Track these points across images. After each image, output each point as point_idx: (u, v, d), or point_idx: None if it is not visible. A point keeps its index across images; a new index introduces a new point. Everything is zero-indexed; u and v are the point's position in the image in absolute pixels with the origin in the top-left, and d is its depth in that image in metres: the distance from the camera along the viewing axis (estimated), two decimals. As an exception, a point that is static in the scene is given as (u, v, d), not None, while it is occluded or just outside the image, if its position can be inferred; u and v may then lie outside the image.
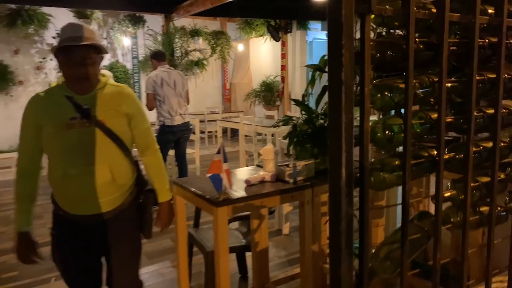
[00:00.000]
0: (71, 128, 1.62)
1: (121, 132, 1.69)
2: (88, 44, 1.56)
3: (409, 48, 0.90)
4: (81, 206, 1.67)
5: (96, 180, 1.64)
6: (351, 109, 0.81)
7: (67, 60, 1.57)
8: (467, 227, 1.08)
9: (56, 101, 1.65)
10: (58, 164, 1.64)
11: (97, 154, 1.65)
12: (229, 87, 10.82)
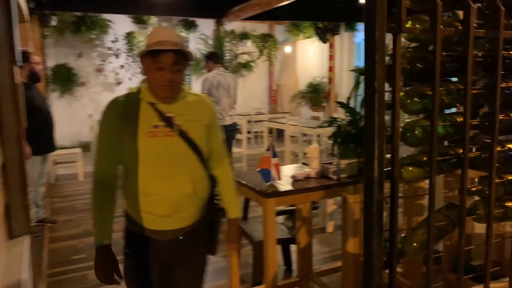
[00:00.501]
0: (153, 136, 1.54)
1: (201, 143, 1.60)
2: (179, 49, 1.47)
3: (436, 62, 1.06)
4: (162, 221, 1.57)
5: (179, 193, 1.56)
6: (382, 112, 0.98)
7: (155, 64, 1.47)
8: (491, 219, 1.22)
9: (137, 107, 1.56)
10: (138, 175, 1.54)
11: (180, 165, 1.57)
12: (275, 88, 11.04)
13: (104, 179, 1.58)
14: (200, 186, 1.61)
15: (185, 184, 1.55)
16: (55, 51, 8.07)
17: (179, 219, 1.58)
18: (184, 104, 1.58)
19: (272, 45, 9.28)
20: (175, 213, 1.56)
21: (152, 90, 1.53)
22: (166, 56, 1.45)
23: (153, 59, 1.45)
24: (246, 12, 6.85)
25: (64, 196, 5.23)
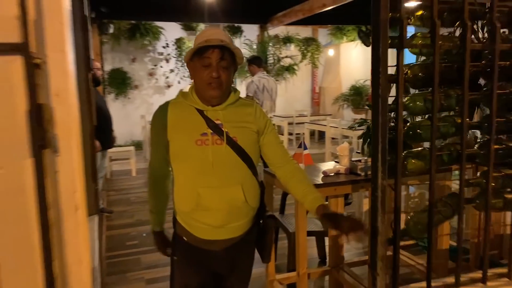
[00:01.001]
0: (202, 144, 1.51)
1: (251, 150, 1.57)
2: (225, 46, 1.44)
3: (435, 72, 1.27)
4: (213, 231, 1.54)
5: (231, 203, 1.52)
6: (385, 114, 1.22)
7: (201, 62, 1.45)
8: (488, 207, 1.40)
9: (185, 114, 1.54)
10: (188, 185, 1.53)
11: (230, 174, 1.53)
12: (318, 91, 11.19)
13: (157, 176, 1.65)
14: (251, 195, 1.56)
15: (237, 193, 1.52)
16: (111, 57, 8.73)
17: (231, 229, 1.55)
18: (232, 110, 1.55)
19: (315, 48, 9.46)
20: (227, 223, 1.52)
21: (200, 93, 1.51)
22: (212, 52, 1.43)
23: (200, 56, 1.44)
24: (289, 17, 7.11)
25: (119, 190, 5.72)
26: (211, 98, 1.48)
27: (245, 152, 1.53)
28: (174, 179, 1.58)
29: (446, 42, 1.32)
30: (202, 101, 1.51)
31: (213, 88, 1.45)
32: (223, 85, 1.46)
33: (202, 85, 1.46)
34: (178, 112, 1.54)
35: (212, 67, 1.43)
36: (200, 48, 1.40)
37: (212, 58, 1.42)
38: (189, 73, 1.53)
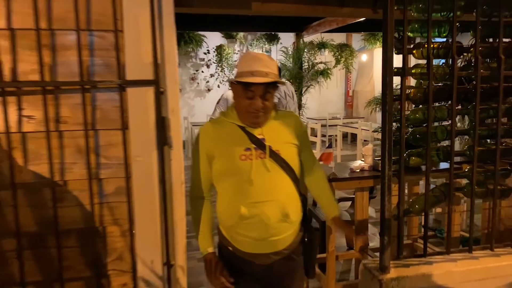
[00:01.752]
0: (245, 159, 1.51)
1: (294, 163, 1.58)
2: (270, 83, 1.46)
3: (430, 94, 1.76)
4: (254, 244, 1.54)
5: (273, 217, 1.51)
6: (391, 123, 1.71)
7: (245, 93, 1.46)
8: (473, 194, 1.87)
9: (228, 131, 1.55)
10: (232, 199, 1.54)
11: (273, 188, 1.53)
12: (351, 94, 11.56)
13: (199, 197, 1.63)
14: (293, 209, 1.58)
15: (279, 207, 1.52)
16: (158, 63, 9.49)
17: (272, 243, 1.54)
18: (274, 125, 1.57)
19: (348, 54, 9.85)
20: (269, 236, 1.52)
21: (240, 116, 1.54)
22: (257, 88, 1.44)
23: (245, 88, 1.45)
24: (323, 27, 7.58)
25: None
26: (252, 124, 1.53)
27: (288, 164, 1.55)
28: (218, 194, 1.60)
29: (439, 70, 1.80)
30: (243, 121, 1.54)
31: (254, 117, 1.50)
32: (265, 113, 1.51)
33: (243, 112, 1.51)
34: (220, 130, 1.56)
35: (256, 99, 1.46)
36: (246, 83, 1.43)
37: (255, 92, 1.45)
38: (232, 92, 1.56)
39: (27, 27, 1.42)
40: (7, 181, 1.45)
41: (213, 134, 1.57)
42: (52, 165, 1.47)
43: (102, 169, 1.54)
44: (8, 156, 1.44)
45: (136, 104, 1.51)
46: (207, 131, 1.58)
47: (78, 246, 1.54)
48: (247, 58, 1.52)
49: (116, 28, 1.47)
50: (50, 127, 1.46)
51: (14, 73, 1.43)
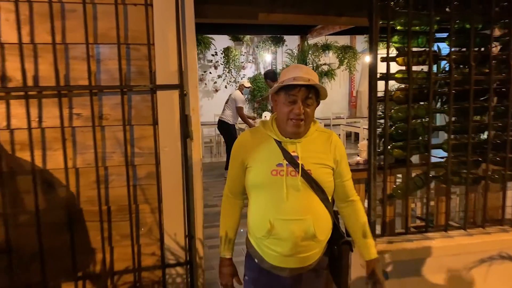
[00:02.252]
0: (276, 175, 1.52)
1: (325, 184, 1.55)
2: (312, 85, 1.47)
3: (409, 95, 2.08)
4: (282, 259, 1.55)
5: (301, 235, 1.51)
6: (375, 120, 2.03)
7: (287, 98, 1.48)
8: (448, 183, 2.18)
9: (264, 144, 1.57)
10: (261, 213, 1.55)
11: (302, 206, 1.53)
12: (355, 94, 11.84)
13: (232, 197, 1.66)
14: (321, 229, 1.55)
15: (307, 227, 1.51)
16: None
17: (300, 259, 1.55)
18: (310, 142, 1.56)
19: (352, 55, 10.14)
20: (296, 253, 1.53)
21: (280, 126, 1.54)
22: (299, 91, 1.46)
23: (286, 93, 1.48)
24: (327, 30, 7.88)
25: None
26: (292, 134, 1.52)
27: (319, 185, 1.53)
28: (249, 204, 1.61)
29: (419, 75, 2.12)
30: (282, 132, 1.54)
31: (294, 125, 1.50)
32: (306, 122, 1.51)
33: (284, 120, 1.51)
34: (257, 140, 1.57)
35: (297, 104, 1.47)
36: (288, 85, 1.46)
37: (298, 96, 1.47)
38: (272, 104, 1.68)
39: (78, 42, 1.76)
40: (61, 166, 1.80)
41: (250, 143, 1.58)
42: (96, 154, 1.82)
43: (136, 157, 1.88)
44: (62, 145, 1.78)
45: (164, 104, 1.85)
46: (245, 139, 1.60)
47: (116, 221, 1.88)
48: (289, 68, 1.55)
49: (149, 42, 1.81)
50: (94, 123, 1.81)
51: (67, 79, 1.78)
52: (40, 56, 1.74)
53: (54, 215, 1.82)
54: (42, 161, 1.80)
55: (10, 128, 1.76)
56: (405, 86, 2.15)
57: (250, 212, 1.60)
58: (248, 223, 1.61)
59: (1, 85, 1.72)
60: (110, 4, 1.77)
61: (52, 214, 1.82)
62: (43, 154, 1.80)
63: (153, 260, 1.95)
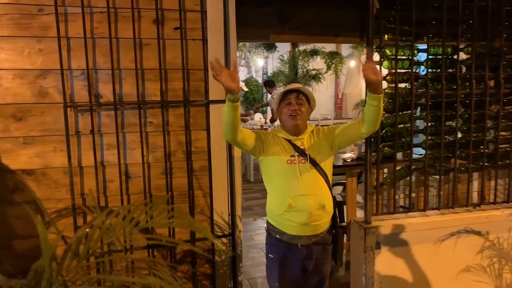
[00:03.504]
0: (291, 163, 2.03)
1: (326, 168, 2.11)
2: (301, 90, 2.09)
3: (396, 106, 2.73)
4: (299, 228, 2.02)
5: (315, 205, 2.01)
6: (371, 126, 2.67)
7: (284, 102, 2.09)
8: (426, 173, 2.85)
9: (279, 141, 2.10)
10: (282, 193, 2.04)
11: (312, 184, 2.03)
12: (341, 97, 12.57)
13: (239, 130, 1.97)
14: (328, 202, 2.08)
15: (319, 199, 2.02)
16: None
17: (313, 227, 2.05)
18: (310, 137, 2.13)
19: (338, 61, 10.84)
20: (311, 221, 2.02)
21: (285, 125, 2.12)
22: (291, 94, 2.08)
23: (283, 98, 2.10)
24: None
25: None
26: (293, 126, 2.08)
27: (323, 169, 2.08)
28: (268, 190, 2.14)
29: (403, 91, 2.77)
30: (288, 132, 2.11)
31: (293, 118, 2.06)
32: (301, 116, 2.07)
33: (286, 118, 2.09)
34: (275, 137, 2.13)
35: (292, 104, 2.07)
36: (283, 93, 2.12)
37: (291, 98, 2.07)
38: (278, 116, 2.19)
39: (152, 67, 2.34)
40: (138, 161, 2.38)
41: (271, 138, 2.12)
42: (165, 152, 2.40)
43: (193, 154, 2.46)
44: (141, 146, 2.36)
45: (214, 114, 2.44)
46: (270, 134, 2.15)
47: (179, 203, 2.47)
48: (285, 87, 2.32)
49: (204, 67, 2.40)
50: (163, 128, 2.39)
51: (143, 96, 2.35)
52: (123, 79, 2.32)
53: (133, 199, 2.40)
54: (123, 157, 2.37)
55: (101, 132, 2.32)
56: (393, 98, 2.81)
57: (270, 197, 2.12)
58: (269, 206, 2.13)
59: (95, 100, 2.29)
60: (176, 39, 2.35)
61: (132, 198, 2.39)
62: (124, 153, 2.37)
63: (205, 233, 2.54)
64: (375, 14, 2.64)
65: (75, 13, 2.22)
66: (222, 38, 2.39)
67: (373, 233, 2.75)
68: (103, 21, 2.26)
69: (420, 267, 2.93)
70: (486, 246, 3.08)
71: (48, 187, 2.28)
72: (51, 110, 2.24)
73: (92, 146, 2.29)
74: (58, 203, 2.30)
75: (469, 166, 2.96)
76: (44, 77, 2.21)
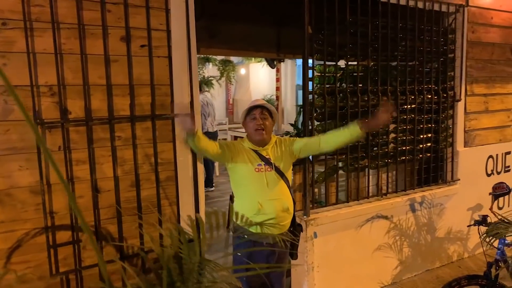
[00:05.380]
0: (259, 171, 2.31)
1: (288, 175, 2.43)
2: (264, 106, 2.39)
3: (325, 116, 3.22)
4: (268, 228, 2.26)
5: (280, 208, 2.32)
6: (308, 127, 3.11)
7: (250, 117, 2.39)
8: (348, 170, 3.41)
9: (246, 151, 2.38)
10: (251, 198, 2.31)
11: (278, 190, 2.33)
12: (232, 102, 13.13)
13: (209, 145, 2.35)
14: (290, 205, 2.41)
15: (283, 203, 2.35)
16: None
17: (279, 227, 2.35)
18: (274, 147, 2.42)
19: (231, 68, 11.36)
20: (277, 223, 2.33)
21: (251, 139, 2.42)
22: (256, 110, 2.37)
23: (248, 115, 2.41)
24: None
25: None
26: (259, 140, 2.39)
27: (285, 176, 2.41)
28: (237, 195, 2.43)
29: (329, 103, 3.28)
30: (254, 143, 2.40)
31: (259, 134, 2.37)
32: (265, 131, 2.38)
33: (252, 132, 2.39)
34: (242, 148, 2.42)
35: (257, 119, 2.36)
36: (249, 109, 2.42)
37: (256, 114, 2.37)
38: (244, 128, 2.48)
39: (120, 83, 2.40)
40: (107, 175, 2.41)
41: (239, 148, 2.41)
42: (136, 164, 2.47)
43: (159, 166, 2.58)
44: (112, 159, 2.39)
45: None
46: (237, 144, 2.46)
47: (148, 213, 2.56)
48: (252, 101, 2.51)
49: (170, 83, 2.54)
50: (131, 142, 2.46)
51: (111, 110, 2.39)
52: (92, 94, 2.34)
53: (102, 213, 2.42)
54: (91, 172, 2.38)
55: (69, 148, 2.30)
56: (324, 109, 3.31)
57: (239, 202, 2.38)
58: (237, 209, 2.34)
59: (62, 117, 2.26)
60: (142, 56, 2.45)
61: (101, 212, 2.41)
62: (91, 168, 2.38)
63: (171, 240, 2.67)
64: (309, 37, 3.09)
65: (40, 28, 2.18)
66: (185, 54, 2.56)
67: (312, 224, 3.20)
68: (70, 37, 2.25)
69: (346, 250, 3.49)
70: (392, 228, 3.80)
71: (14, 208, 2.18)
72: (16, 128, 2.16)
73: (59, 163, 2.26)
74: (25, 224, 2.21)
75: (378, 163, 3.63)
76: (8, 93, 2.12)
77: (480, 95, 4.38)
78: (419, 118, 3.84)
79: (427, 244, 4.11)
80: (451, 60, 4.06)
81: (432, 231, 4.15)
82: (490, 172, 4.59)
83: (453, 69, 4.09)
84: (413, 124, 3.81)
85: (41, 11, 2.18)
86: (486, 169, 4.56)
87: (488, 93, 4.46)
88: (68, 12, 2.25)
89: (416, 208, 3.96)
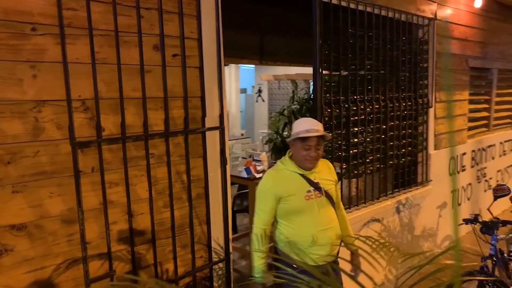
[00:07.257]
0: (309, 199, 2.04)
1: (335, 198, 2.19)
2: (322, 135, 2.02)
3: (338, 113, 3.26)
4: (323, 258, 2.05)
5: (334, 237, 2.11)
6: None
7: (303, 146, 2.01)
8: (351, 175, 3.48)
9: (291, 178, 2.06)
10: (304, 229, 2.04)
11: (329, 217, 2.11)
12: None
13: (265, 230, 2.09)
14: (340, 230, 2.18)
15: (336, 230, 2.12)
16: None
17: (332, 256, 2.13)
18: (321, 171, 2.14)
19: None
20: (331, 252, 2.10)
21: (298, 162, 2.08)
22: (312, 140, 2.00)
23: (302, 142, 2.01)
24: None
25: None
26: (308, 169, 2.08)
27: (333, 200, 2.17)
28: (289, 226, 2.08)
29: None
30: (301, 167, 2.09)
31: (310, 163, 2.07)
32: (318, 160, 2.09)
33: (301, 160, 2.06)
34: (283, 176, 2.08)
35: (311, 150, 2.02)
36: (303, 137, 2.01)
37: (311, 144, 2.02)
38: (291, 148, 2.11)
39: (153, 96, 2.20)
40: (140, 197, 2.18)
41: (279, 180, 2.07)
42: (170, 183, 2.27)
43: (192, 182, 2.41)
44: (148, 179, 2.17)
45: (209, 141, 2.45)
46: (274, 178, 2.09)
47: (179, 235, 2.37)
48: (301, 121, 2.11)
49: (201, 95, 2.38)
50: (165, 159, 2.26)
51: (146, 126, 2.18)
52: (126, 109, 2.11)
53: (136, 239, 2.19)
54: (127, 195, 2.14)
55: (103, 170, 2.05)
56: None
57: (292, 231, 2.06)
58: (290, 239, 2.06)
59: (98, 135, 2.01)
60: (175, 67, 2.27)
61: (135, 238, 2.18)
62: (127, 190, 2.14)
63: (201, 261, 2.51)
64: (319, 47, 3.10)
65: (73, 34, 1.91)
66: (215, 65, 2.42)
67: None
68: (103, 45, 2.00)
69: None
70: (383, 229, 3.96)
71: (44, 242, 1.88)
72: (46, 149, 1.86)
73: (92, 186, 2.01)
74: (56, 259, 1.92)
75: (373, 169, 3.77)
76: (39, 110, 1.82)
77: (444, 102, 4.76)
78: (402, 125, 4.05)
79: (408, 243, 4.36)
80: (425, 69, 4.34)
81: (412, 230, 4.40)
82: (451, 172, 5.01)
83: (427, 78, 4.39)
84: (398, 130, 4.01)
85: (74, 15, 1.91)
86: (449, 169, 4.96)
87: (450, 99, 4.85)
88: (101, 17, 2.00)
89: (401, 210, 4.17)
